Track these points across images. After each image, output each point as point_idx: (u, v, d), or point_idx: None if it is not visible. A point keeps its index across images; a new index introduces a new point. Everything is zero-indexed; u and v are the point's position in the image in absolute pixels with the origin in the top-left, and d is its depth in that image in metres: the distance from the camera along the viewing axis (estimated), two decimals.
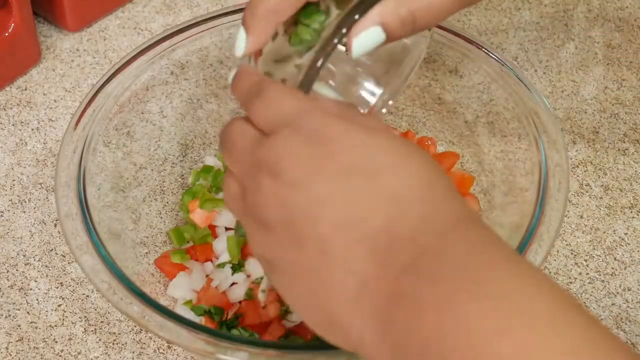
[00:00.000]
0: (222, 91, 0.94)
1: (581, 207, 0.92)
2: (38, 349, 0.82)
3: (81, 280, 0.86)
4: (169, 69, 0.90)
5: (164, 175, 0.91)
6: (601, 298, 0.85)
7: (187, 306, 0.81)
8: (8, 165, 0.95)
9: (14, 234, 0.89)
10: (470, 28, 1.08)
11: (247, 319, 0.80)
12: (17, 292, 0.85)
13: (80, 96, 1.01)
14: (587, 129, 0.98)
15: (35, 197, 0.92)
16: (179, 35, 0.89)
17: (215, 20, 0.90)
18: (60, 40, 1.07)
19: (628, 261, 0.88)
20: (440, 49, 0.90)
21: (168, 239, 0.87)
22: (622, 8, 1.11)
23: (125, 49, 1.05)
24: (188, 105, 0.93)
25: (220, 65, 0.93)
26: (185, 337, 0.69)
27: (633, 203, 0.92)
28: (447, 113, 0.94)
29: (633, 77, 1.03)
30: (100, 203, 0.80)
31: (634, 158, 0.96)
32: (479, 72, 0.88)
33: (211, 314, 0.80)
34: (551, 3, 1.11)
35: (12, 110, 0.99)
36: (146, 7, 1.10)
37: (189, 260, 0.84)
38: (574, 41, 1.07)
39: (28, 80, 1.03)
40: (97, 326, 0.83)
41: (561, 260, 0.88)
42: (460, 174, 0.90)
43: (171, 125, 0.92)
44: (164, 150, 0.91)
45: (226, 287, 0.81)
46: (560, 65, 1.05)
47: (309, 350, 0.71)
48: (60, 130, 0.97)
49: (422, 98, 0.95)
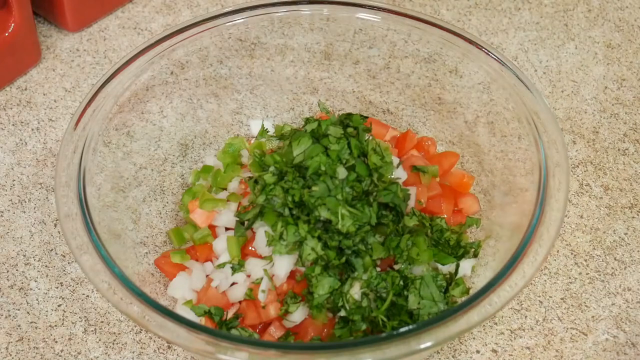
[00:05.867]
0: (222, 91, 0.94)
1: (581, 207, 0.92)
2: (38, 349, 0.82)
3: (81, 280, 0.86)
4: (169, 69, 0.90)
5: (164, 175, 0.91)
6: (601, 298, 0.85)
7: (187, 306, 0.81)
8: (8, 165, 0.95)
9: (14, 234, 0.89)
10: (470, 28, 1.09)
11: (247, 319, 0.80)
12: (17, 292, 0.85)
13: (80, 96, 1.01)
14: (587, 129, 0.98)
15: (35, 197, 0.92)
16: (179, 35, 0.89)
17: (215, 20, 0.90)
18: (60, 40, 1.07)
19: (628, 261, 0.88)
20: (440, 49, 0.90)
21: (168, 239, 0.87)
22: (622, 8, 1.11)
23: (125, 49, 1.06)
24: (188, 105, 0.93)
25: (220, 65, 0.93)
26: (185, 337, 0.69)
27: (633, 203, 0.92)
28: (447, 113, 0.94)
29: (633, 77, 1.03)
30: (100, 203, 0.81)
31: (634, 158, 0.96)
32: (479, 72, 0.88)
33: (211, 314, 0.80)
34: (551, 3, 1.12)
35: (12, 110, 1.00)
36: (146, 7, 1.10)
37: (189, 260, 0.84)
38: (574, 41, 1.07)
39: (28, 80, 1.03)
40: (97, 326, 0.83)
41: (561, 260, 0.88)
42: (460, 174, 0.90)
43: (171, 125, 0.92)
44: (164, 150, 0.91)
45: (226, 287, 0.81)
46: (560, 65, 1.05)
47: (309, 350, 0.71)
48: (60, 130, 0.97)
49: (422, 98, 0.95)
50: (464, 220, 0.87)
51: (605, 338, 0.83)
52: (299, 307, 0.79)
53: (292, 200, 0.79)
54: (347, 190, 0.78)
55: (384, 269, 0.80)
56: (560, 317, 0.84)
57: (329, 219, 0.77)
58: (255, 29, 0.92)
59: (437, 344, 0.69)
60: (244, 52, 0.94)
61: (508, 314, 0.84)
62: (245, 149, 0.90)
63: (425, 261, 0.80)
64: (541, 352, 0.81)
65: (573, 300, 0.85)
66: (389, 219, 0.80)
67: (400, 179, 0.85)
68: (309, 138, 0.80)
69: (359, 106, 0.97)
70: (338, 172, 0.78)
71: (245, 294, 0.81)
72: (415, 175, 0.86)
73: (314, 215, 0.78)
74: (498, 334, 0.83)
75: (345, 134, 0.81)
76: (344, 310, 0.78)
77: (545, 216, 0.75)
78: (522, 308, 0.84)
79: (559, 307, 0.84)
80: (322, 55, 0.96)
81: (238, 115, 0.96)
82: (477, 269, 0.83)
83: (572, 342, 0.82)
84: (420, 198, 0.84)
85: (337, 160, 0.79)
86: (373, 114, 0.96)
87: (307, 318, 0.80)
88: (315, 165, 0.79)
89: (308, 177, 0.79)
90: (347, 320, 0.78)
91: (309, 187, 0.78)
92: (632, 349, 0.82)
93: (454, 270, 0.82)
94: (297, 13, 0.92)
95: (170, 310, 0.71)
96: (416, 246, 0.80)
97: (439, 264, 0.82)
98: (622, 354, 0.82)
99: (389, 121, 0.96)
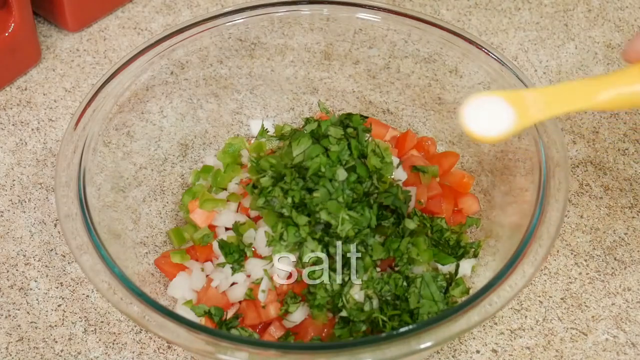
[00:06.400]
0: (222, 91, 0.94)
1: (581, 207, 0.92)
2: (38, 349, 0.82)
3: (81, 280, 0.86)
4: (169, 69, 0.90)
5: (164, 175, 0.91)
6: (601, 298, 0.85)
7: (187, 306, 0.81)
8: (8, 165, 0.95)
9: (14, 234, 0.89)
10: (470, 28, 1.08)
11: (247, 319, 0.80)
12: (17, 292, 0.85)
13: (80, 96, 1.01)
14: (587, 129, 0.98)
15: (35, 197, 0.92)
16: (179, 35, 0.89)
17: (215, 20, 0.90)
18: (60, 40, 1.07)
19: (628, 261, 0.88)
20: (440, 49, 0.90)
21: (168, 239, 0.87)
22: (622, 8, 1.11)
23: (125, 49, 1.06)
24: (188, 105, 0.93)
25: (220, 65, 0.93)
26: (185, 337, 0.69)
27: (633, 203, 0.92)
28: (447, 113, 0.94)
29: None
30: (100, 203, 0.81)
31: (634, 158, 0.96)
32: (479, 72, 0.88)
33: (211, 314, 0.80)
34: (551, 3, 1.11)
35: (12, 110, 1.00)
36: (146, 7, 1.10)
37: (189, 260, 0.84)
38: (574, 41, 1.07)
39: (28, 80, 1.03)
40: (97, 326, 0.83)
41: (561, 260, 0.88)
42: (460, 174, 0.90)
43: (171, 125, 0.92)
44: (164, 150, 0.91)
45: (226, 287, 0.81)
46: (560, 65, 1.05)
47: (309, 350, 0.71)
48: (60, 130, 0.97)
49: (422, 98, 0.95)
50: (464, 220, 0.87)
51: (605, 338, 0.83)
52: (299, 307, 0.79)
53: (292, 202, 0.79)
54: (348, 193, 0.78)
55: (384, 269, 0.80)
56: (560, 317, 0.84)
57: (329, 222, 0.78)
58: (255, 29, 0.92)
59: (437, 344, 0.69)
60: (244, 52, 0.94)
61: (508, 314, 0.84)
62: (245, 149, 0.90)
63: (425, 261, 0.80)
64: (541, 352, 0.81)
65: (573, 300, 0.85)
66: (390, 220, 0.80)
67: (400, 180, 0.85)
68: (309, 138, 0.80)
69: (359, 106, 0.97)
70: (338, 174, 0.78)
71: (245, 294, 0.81)
72: (415, 176, 0.86)
73: (315, 217, 0.78)
74: (498, 334, 0.83)
75: (346, 135, 0.81)
76: (345, 310, 0.78)
77: (545, 216, 0.75)
78: (522, 308, 0.84)
79: (559, 307, 0.84)
80: (322, 55, 0.96)
81: (238, 115, 0.96)
82: (477, 269, 0.83)
83: (572, 342, 0.82)
84: (420, 198, 0.84)
85: (337, 161, 0.79)
86: (373, 114, 0.96)
87: (307, 318, 0.80)
88: (315, 166, 0.79)
89: (308, 177, 0.79)
90: (347, 320, 0.78)
91: (309, 188, 0.78)
92: (632, 349, 0.82)
93: (454, 270, 0.82)
94: (297, 13, 0.92)
95: (170, 310, 0.71)
96: (416, 246, 0.80)
97: (439, 264, 0.82)
98: (622, 354, 0.82)
99: (389, 121, 0.96)
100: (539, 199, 0.77)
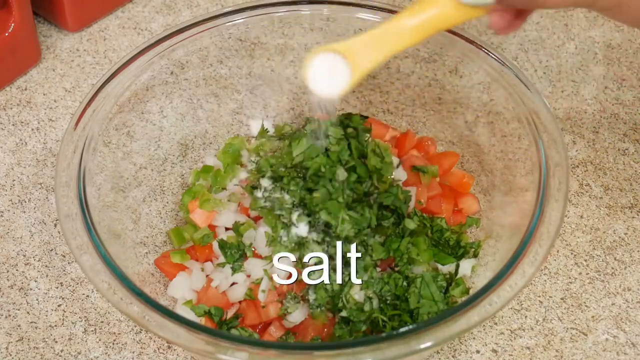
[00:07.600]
0: (222, 91, 0.94)
1: (581, 207, 0.92)
2: (38, 349, 0.82)
3: (81, 280, 0.86)
4: (169, 69, 0.90)
5: (164, 175, 0.91)
6: (601, 298, 0.85)
7: (187, 306, 0.81)
8: (8, 165, 0.95)
9: (14, 234, 0.89)
10: (470, 28, 1.08)
11: (247, 319, 0.80)
12: (17, 292, 0.85)
13: (80, 96, 1.01)
14: (587, 129, 0.98)
15: (35, 197, 0.92)
16: (179, 35, 0.89)
17: (215, 20, 0.90)
18: (60, 40, 1.07)
19: (628, 261, 0.88)
20: (440, 49, 0.90)
21: (168, 239, 0.87)
22: None
23: (125, 49, 1.06)
24: (188, 105, 0.93)
25: (220, 65, 0.93)
26: (185, 337, 0.69)
27: (633, 203, 0.92)
28: (447, 113, 0.94)
29: (633, 77, 1.03)
30: (100, 203, 0.81)
31: (634, 158, 0.96)
32: (479, 72, 0.88)
33: (211, 314, 0.80)
34: None
35: (12, 110, 1.00)
36: (146, 7, 1.10)
37: (189, 260, 0.84)
38: (574, 41, 1.07)
39: (28, 80, 1.03)
40: (97, 326, 0.83)
41: (561, 260, 0.88)
42: (460, 174, 0.90)
43: (171, 125, 0.92)
44: (164, 150, 0.91)
45: (226, 287, 0.81)
46: (560, 65, 1.05)
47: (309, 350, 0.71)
48: (60, 130, 0.97)
49: (422, 98, 0.95)
50: (464, 221, 0.87)
51: (605, 338, 0.83)
52: (299, 307, 0.79)
53: (292, 202, 0.79)
54: (348, 193, 0.78)
55: (384, 269, 0.81)
56: (560, 317, 0.84)
57: (329, 222, 0.78)
58: (255, 29, 0.92)
59: (437, 344, 0.69)
60: (244, 52, 0.94)
61: (508, 314, 0.84)
62: (245, 149, 0.90)
63: (425, 261, 0.80)
64: (541, 352, 0.81)
65: (573, 300, 0.85)
66: (390, 221, 0.80)
67: (400, 180, 0.85)
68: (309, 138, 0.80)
69: (359, 106, 0.97)
70: (338, 175, 0.78)
71: (245, 294, 0.81)
72: (415, 175, 0.86)
73: (315, 218, 0.78)
74: (498, 334, 0.83)
75: (346, 135, 0.81)
76: (345, 310, 0.78)
77: (545, 216, 0.75)
78: (522, 308, 0.84)
79: (559, 307, 0.84)
80: None
81: (238, 115, 0.96)
82: (477, 269, 0.83)
83: (572, 342, 0.82)
84: (420, 198, 0.84)
85: (337, 161, 0.79)
86: (373, 114, 0.96)
87: (307, 318, 0.80)
88: (315, 166, 0.79)
89: (308, 177, 0.79)
90: (347, 320, 0.78)
91: (309, 188, 0.78)
92: (632, 349, 0.82)
93: (454, 270, 0.82)
94: (297, 13, 0.92)
95: (170, 310, 0.71)
96: (416, 246, 0.80)
97: (439, 264, 0.82)
98: (622, 354, 0.82)
99: (389, 121, 0.96)
100: (539, 199, 0.77)
